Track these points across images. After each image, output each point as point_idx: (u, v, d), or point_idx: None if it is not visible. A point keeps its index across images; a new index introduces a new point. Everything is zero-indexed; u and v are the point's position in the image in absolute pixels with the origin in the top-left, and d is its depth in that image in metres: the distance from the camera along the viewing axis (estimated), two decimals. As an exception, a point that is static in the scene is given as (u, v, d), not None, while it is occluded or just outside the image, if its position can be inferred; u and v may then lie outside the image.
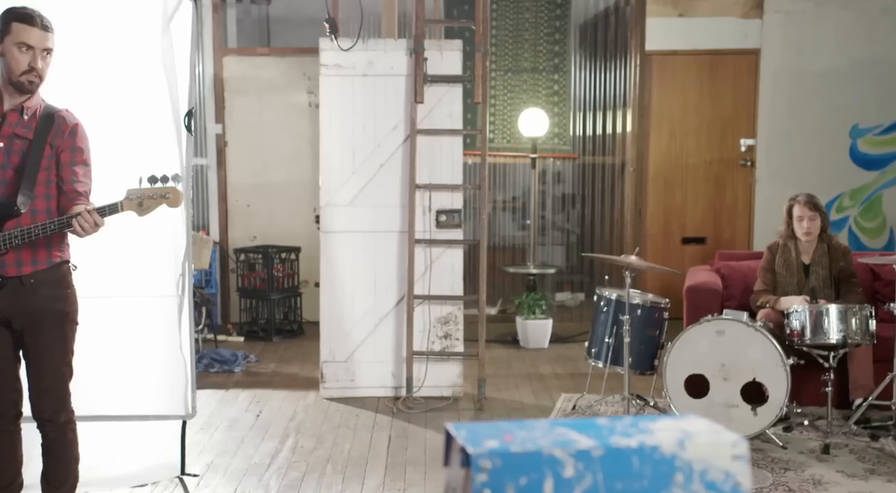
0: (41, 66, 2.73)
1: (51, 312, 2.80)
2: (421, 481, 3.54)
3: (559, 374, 5.28)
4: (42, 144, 2.75)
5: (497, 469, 0.78)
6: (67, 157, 2.79)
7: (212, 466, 3.72)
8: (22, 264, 2.75)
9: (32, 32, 2.72)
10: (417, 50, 4.67)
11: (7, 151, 2.76)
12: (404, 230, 4.77)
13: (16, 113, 2.78)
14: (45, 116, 2.79)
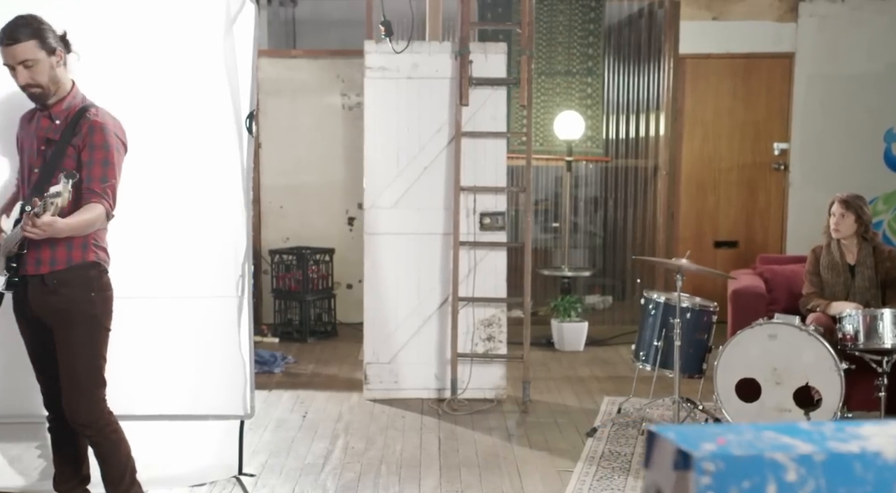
0: (27, 79, 2.75)
1: (76, 314, 2.79)
2: (477, 482, 3.55)
3: (598, 377, 5.29)
4: (64, 145, 2.79)
5: (721, 472, 0.79)
6: (86, 155, 2.79)
7: (266, 466, 3.74)
8: (41, 264, 2.78)
9: (5, 52, 2.75)
10: (463, 53, 4.68)
11: (44, 155, 2.82)
12: (448, 232, 4.79)
13: (46, 119, 2.83)
14: (73, 118, 2.82)
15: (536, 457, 3.85)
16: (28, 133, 2.87)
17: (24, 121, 2.93)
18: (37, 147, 2.82)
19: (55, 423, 2.95)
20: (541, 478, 3.59)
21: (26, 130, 2.89)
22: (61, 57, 2.80)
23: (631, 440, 4.04)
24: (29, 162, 2.85)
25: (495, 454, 3.89)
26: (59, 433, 2.96)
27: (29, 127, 2.88)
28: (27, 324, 2.87)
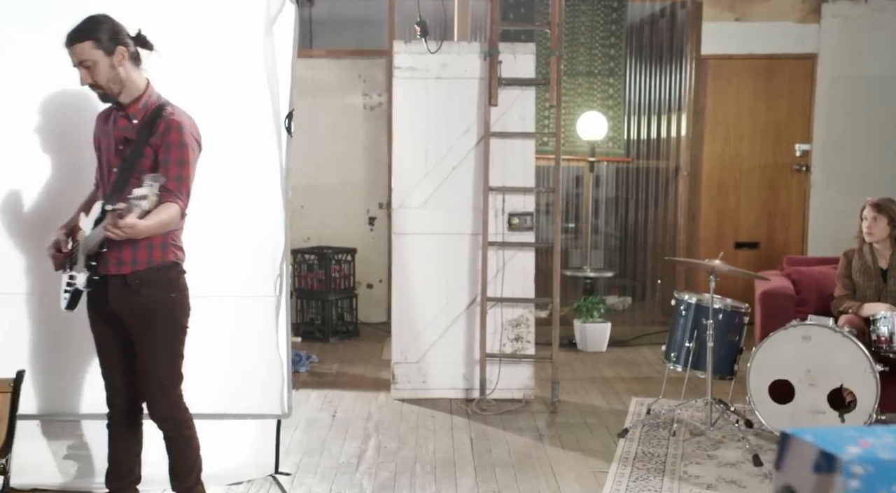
0: (87, 79, 2.78)
1: (157, 313, 2.85)
2: (513, 482, 3.56)
3: (624, 378, 5.28)
4: (142, 145, 2.81)
5: (870, 475, 0.80)
6: (163, 154, 2.82)
7: (301, 465, 3.75)
8: (122, 264, 2.81)
9: (68, 53, 2.79)
10: (492, 53, 4.68)
11: (123, 155, 2.83)
12: (476, 233, 4.79)
13: (124, 119, 2.85)
14: (150, 117, 2.84)
15: (570, 458, 3.85)
16: (105, 132, 2.89)
17: (101, 120, 2.94)
18: (115, 146, 2.84)
19: (117, 420, 2.97)
20: (576, 478, 3.59)
21: (103, 129, 2.90)
22: (123, 56, 2.80)
23: (663, 441, 4.04)
24: (108, 161, 2.86)
25: (528, 455, 3.90)
26: (119, 430, 2.98)
27: (106, 126, 2.89)
28: (104, 321, 2.89)
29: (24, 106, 3.27)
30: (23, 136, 3.27)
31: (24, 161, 3.28)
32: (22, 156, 3.28)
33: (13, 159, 3.27)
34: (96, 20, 2.78)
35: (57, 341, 3.31)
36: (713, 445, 3.97)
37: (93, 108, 3.29)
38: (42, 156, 3.27)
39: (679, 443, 3.99)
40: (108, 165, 2.87)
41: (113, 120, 2.88)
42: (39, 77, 3.25)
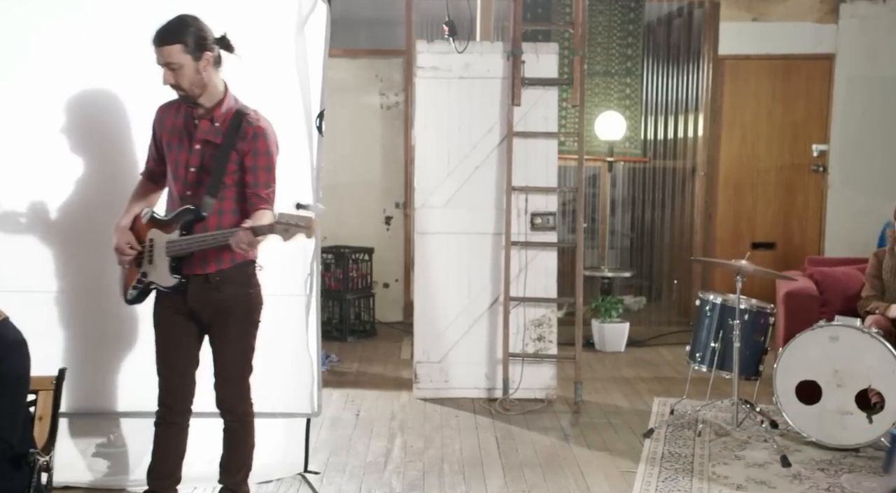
0: (171, 81, 2.81)
1: (235, 309, 2.93)
2: (542, 482, 3.56)
3: (644, 378, 5.28)
4: (229, 149, 2.85)
5: None
6: (251, 160, 2.88)
7: (328, 464, 3.75)
8: (207, 263, 2.87)
9: (155, 52, 2.81)
10: (515, 53, 4.68)
11: (202, 155, 2.87)
12: (498, 232, 4.80)
13: (207, 121, 2.88)
14: (233, 121, 2.88)
15: (596, 457, 3.85)
16: (175, 129, 2.89)
17: (167, 114, 2.93)
18: (189, 145, 2.86)
19: (167, 420, 2.99)
20: (605, 478, 3.60)
21: (172, 125, 2.90)
22: (209, 61, 2.83)
23: (688, 441, 4.04)
24: (181, 159, 2.88)
25: (555, 454, 3.90)
26: (167, 430, 2.99)
27: (175, 122, 2.90)
28: (175, 320, 2.92)
29: (50, 106, 3.28)
30: (51, 136, 3.28)
31: (54, 161, 3.29)
32: (51, 156, 3.29)
33: (43, 159, 3.28)
34: (186, 23, 2.79)
35: (88, 340, 3.32)
36: (739, 445, 3.97)
37: (120, 105, 3.30)
38: (71, 156, 3.29)
39: (705, 444, 3.99)
40: (184, 163, 2.88)
41: (185, 118, 2.90)
42: (64, 76, 3.26)
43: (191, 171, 2.88)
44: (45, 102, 3.27)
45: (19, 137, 3.28)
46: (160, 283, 2.87)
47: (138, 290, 2.91)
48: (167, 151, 2.93)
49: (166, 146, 2.94)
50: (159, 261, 2.86)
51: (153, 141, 3.00)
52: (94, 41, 3.28)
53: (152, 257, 2.88)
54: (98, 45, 3.27)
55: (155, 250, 2.88)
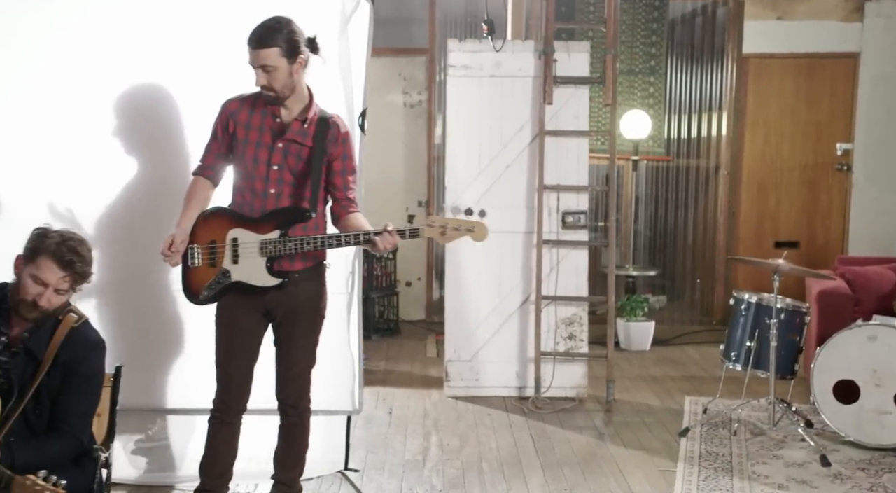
0: (264, 82, 2.81)
1: (307, 307, 2.97)
2: (582, 481, 3.57)
3: (672, 377, 5.28)
4: (321, 151, 2.88)
5: None
6: (340, 164, 2.92)
7: (367, 461, 3.76)
8: (295, 261, 2.89)
9: (250, 53, 2.82)
10: (547, 51, 4.68)
11: (284, 153, 2.88)
12: (529, 231, 4.80)
13: (298, 122, 2.90)
14: (319, 124, 2.90)
15: (633, 456, 3.86)
16: (252, 125, 2.89)
17: (240, 110, 2.91)
18: (271, 142, 2.86)
19: (223, 419, 2.99)
20: (645, 477, 3.60)
21: (250, 121, 2.89)
22: (302, 64, 2.84)
23: (724, 440, 4.04)
24: (262, 156, 2.87)
25: (592, 453, 3.90)
26: (223, 428, 2.99)
27: (251, 118, 2.89)
28: (247, 319, 2.92)
29: (96, 105, 3.29)
30: (95, 135, 3.29)
31: (99, 160, 3.31)
32: (98, 155, 3.30)
33: (88, 158, 3.30)
34: (283, 26, 2.80)
35: (133, 337, 3.32)
36: (776, 445, 3.97)
37: (170, 101, 3.31)
38: (117, 154, 3.30)
39: (741, 443, 3.99)
40: (261, 159, 2.87)
41: (264, 115, 2.89)
42: (110, 75, 3.28)
43: (273, 169, 2.88)
44: (90, 102, 3.28)
45: (66, 136, 3.29)
46: (255, 283, 2.82)
47: (215, 290, 2.85)
48: (242, 146, 2.90)
49: (242, 142, 2.91)
50: (250, 260, 2.82)
51: (220, 136, 2.95)
52: (140, 39, 3.29)
53: (237, 257, 2.84)
54: (145, 42, 3.29)
55: (241, 250, 2.83)
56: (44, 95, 3.25)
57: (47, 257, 2.36)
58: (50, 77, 3.25)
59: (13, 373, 2.37)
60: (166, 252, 2.86)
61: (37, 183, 3.26)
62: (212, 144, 2.99)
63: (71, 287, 2.41)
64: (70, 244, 2.40)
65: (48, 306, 2.37)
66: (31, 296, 2.36)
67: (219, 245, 2.86)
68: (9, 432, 2.30)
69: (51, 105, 3.26)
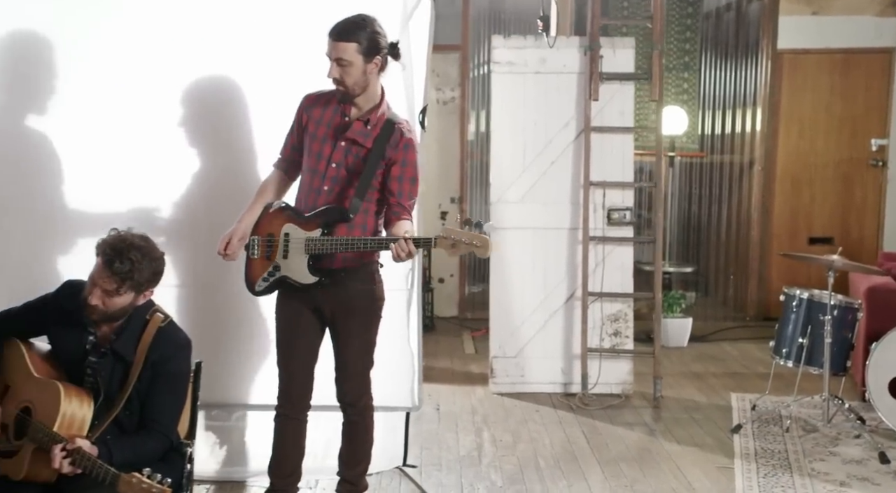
0: (336, 75, 2.81)
1: (359, 305, 2.95)
2: (641, 477, 3.57)
3: (714, 373, 5.27)
4: (380, 154, 2.86)
5: None
6: (398, 170, 2.89)
7: (422, 458, 3.77)
8: (335, 259, 2.87)
9: (328, 45, 2.82)
10: (593, 47, 4.67)
11: (345, 152, 2.87)
12: (573, 227, 4.80)
13: (360, 122, 2.89)
14: (384, 127, 2.88)
15: (688, 453, 3.85)
16: (322, 121, 2.89)
17: (316, 104, 2.92)
18: (333, 140, 2.86)
19: (290, 415, 2.99)
20: (703, 474, 3.60)
21: (320, 116, 2.90)
22: (377, 65, 2.84)
23: (777, 437, 4.03)
24: (325, 153, 2.87)
25: (647, 449, 3.90)
26: (290, 425, 3.00)
27: (323, 114, 2.90)
28: (302, 315, 2.92)
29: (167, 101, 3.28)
30: (167, 131, 3.29)
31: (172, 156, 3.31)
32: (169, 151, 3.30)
33: (161, 155, 3.30)
34: (366, 23, 2.80)
35: (205, 332, 3.31)
36: (831, 442, 3.96)
37: (238, 98, 3.30)
38: (187, 151, 3.31)
39: (795, 440, 3.98)
40: (323, 156, 2.87)
41: (334, 113, 2.89)
42: (182, 70, 3.28)
43: (331, 166, 2.88)
44: (162, 98, 3.27)
45: (138, 134, 3.28)
46: (296, 279, 2.83)
47: (269, 282, 2.86)
48: (310, 140, 2.92)
49: (310, 136, 2.92)
50: (295, 257, 2.82)
51: (295, 128, 2.97)
52: (209, 33, 3.28)
53: (287, 252, 2.84)
54: (214, 37, 3.28)
55: (291, 245, 2.84)
56: (114, 93, 3.25)
57: (98, 256, 2.36)
58: (120, 74, 3.25)
59: (101, 374, 2.38)
60: (222, 252, 2.87)
61: (115, 183, 3.26)
62: (288, 136, 3.01)
63: (119, 289, 2.34)
64: (118, 246, 2.35)
65: (100, 305, 2.33)
66: (86, 294, 2.35)
67: (276, 239, 2.88)
68: (105, 430, 2.32)
69: (123, 103, 3.26)
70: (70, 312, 2.37)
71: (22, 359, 2.38)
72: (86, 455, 2.14)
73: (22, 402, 2.33)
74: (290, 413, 2.99)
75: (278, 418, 3.01)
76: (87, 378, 2.37)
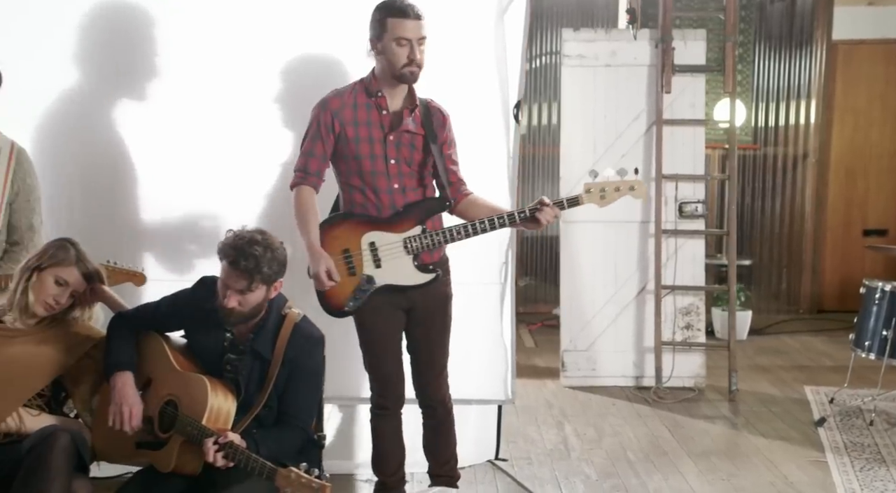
0: (415, 57, 2.72)
1: (442, 298, 2.93)
2: (735, 470, 3.56)
3: (781, 366, 5.25)
4: (433, 137, 2.81)
5: None
6: (448, 148, 2.88)
7: (510, 452, 3.76)
8: (433, 253, 2.84)
9: (407, 25, 2.71)
10: (666, 40, 4.65)
11: (397, 146, 2.80)
12: (644, 221, 4.78)
13: (407, 110, 2.82)
14: (423, 110, 2.84)
15: (776, 447, 3.84)
16: (360, 121, 2.77)
17: (343, 108, 2.77)
18: (382, 136, 2.77)
19: (393, 413, 2.98)
20: (797, 468, 3.58)
21: (352, 118, 2.76)
22: None
23: (863, 431, 4.01)
24: (379, 151, 2.77)
25: (734, 443, 3.89)
26: (392, 424, 2.98)
27: (356, 114, 2.77)
28: (395, 314, 2.87)
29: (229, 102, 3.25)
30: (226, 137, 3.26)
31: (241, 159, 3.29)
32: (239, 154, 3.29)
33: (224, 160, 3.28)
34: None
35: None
36: (918, 434, 3.95)
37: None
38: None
39: (882, 433, 3.96)
40: (378, 155, 2.77)
41: (368, 108, 2.78)
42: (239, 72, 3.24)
43: (391, 163, 2.78)
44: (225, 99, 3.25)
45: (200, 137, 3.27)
46: (405, 283, 2.75)
47: (361, 299, 2.73)
48: (355, 143, 2.76)
49: (352, 140, 2.77)
50: (395, 261, 2.74)
51: (325, 137, 2.76)
52: (254, 34, 3.25)
53: (378, 260, 2.75)
54: (259, 38, 3.25)
55: (382, 252, 2.75)
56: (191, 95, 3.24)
57: (222, 260, 2.34)
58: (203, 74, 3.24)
59: (241, 372, 2.39)
60: (328, 284, 2.68)
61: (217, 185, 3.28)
62: (314, 147, 2.79)
63: (250, 285, 2.30)
64: (239, 244, 2.32)
65: (236, 306, 2.32)
66: (221, 300, 2.33)
67: (353, 252, 2.75)
68: (249, 425, 2.33)
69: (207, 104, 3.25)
70: (206, 309, 2.38)
71: (164, 353, 2.40)
72: (239, 449, 2.15)
73: (166, 395, 2.35)
74: (390, 411, 2.96)
75: (378, 417, 2.97)
76: (227, 374, 2.38)
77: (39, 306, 2.38)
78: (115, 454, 2.41)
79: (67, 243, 2.45)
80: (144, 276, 2.80)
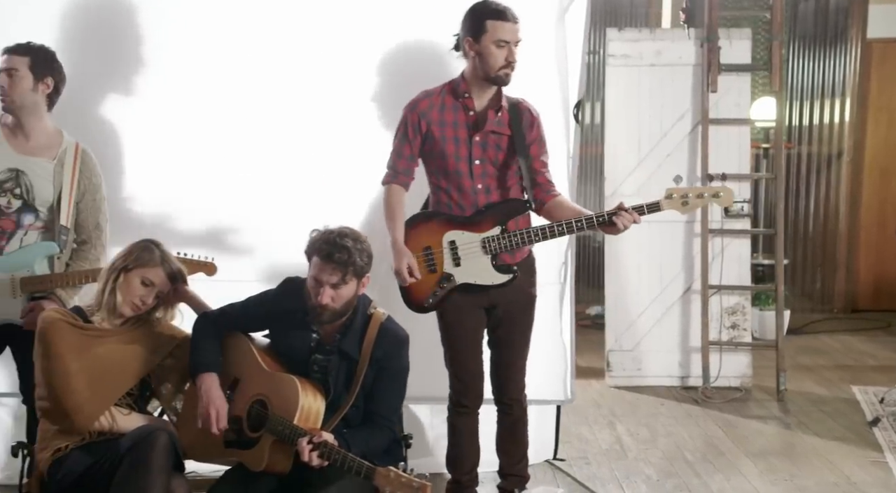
0: (513, 58, 2.77)
1: (524, 299, 2.93)
2: (796, 470, 3.55)
3: (824, 366, 5.24)
4: (521, 137, 2.81)
5: None
6: (536, 149, 2.89)
7: (566, 452, 3.75)
8: (514, 254, 2.85)
9: (507, 27, 2.76)
10: (711, 39, 4.64)
11: (483, 146, 2.82)
12: (689, 220, 4.77)
13: (492, 111, 2.83)
14: (511, 110, 2.85)
15: (833, 447, 3.83)
16: (446, 122, 2.81)
17: (430, 109, 2.82)
18: (468, 136, 2.80)
19: (473, 411, 2.98)
20: (858, 468, 3.57)
21: (440, 118, 2.81)
22: None
23: (918, 430, 4.00)
24: (463, 153, 2.81)
25: (790, 443, 3.89)
26: (470, 422, 2.99)
27: (443, 115, 2.81)
28: (476, 311, 2.88)
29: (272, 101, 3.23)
30: (277, 134, 3.24)
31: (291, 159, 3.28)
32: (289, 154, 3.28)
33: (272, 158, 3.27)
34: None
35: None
36: (975, 434, 3.93)
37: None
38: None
39: (937, 432, 3.96)
40: (462, 156, 2.80)
41: (455, 109, 2.81)
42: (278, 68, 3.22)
43: (475, 163, 2.82)
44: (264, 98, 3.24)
45: (249, 137, 3.26)
46: (482, 282, 2.77)
47: (440, 296, 2.78)
48: (442, 144, 2.81)
49: (439, 140, 2.82)
50: (474, 260, 2.76)
51: (412, 137, 2.83)
52: (298, 31, 3.24)
53: (458, 259, 2.79)
54: (305, 37, 3.24)
55: (461, 251, 2.78)
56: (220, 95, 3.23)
57: (314, 256, 2.35)
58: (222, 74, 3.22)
59: (329, 372, 2.40)
60: (408, 280, 2.74)
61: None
62: (402, 147, 2.86)
63: (344, 277, 2.33)
64: (330, 238, 2.34)
65: (330, 302, 2.33)
66: (314, 298, 2.34)
67: (435, 250, 2.80)
68: (337, 425, 2.34)
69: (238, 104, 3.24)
70: (292, 310, 2.38)
71: (251, 353, 2.41)
72: (334, 448, 2.16)
73: (255, 395, 2.36)
74: (469, 410, 2.97)
75: (457, 415, 2.98)
76: (314, 374, 2.39)
77: (127, 306, 2.39)
78: (203, 453, 2.42)
79: (152, 245, 2.46)
80: (215, 265, 2.78)
